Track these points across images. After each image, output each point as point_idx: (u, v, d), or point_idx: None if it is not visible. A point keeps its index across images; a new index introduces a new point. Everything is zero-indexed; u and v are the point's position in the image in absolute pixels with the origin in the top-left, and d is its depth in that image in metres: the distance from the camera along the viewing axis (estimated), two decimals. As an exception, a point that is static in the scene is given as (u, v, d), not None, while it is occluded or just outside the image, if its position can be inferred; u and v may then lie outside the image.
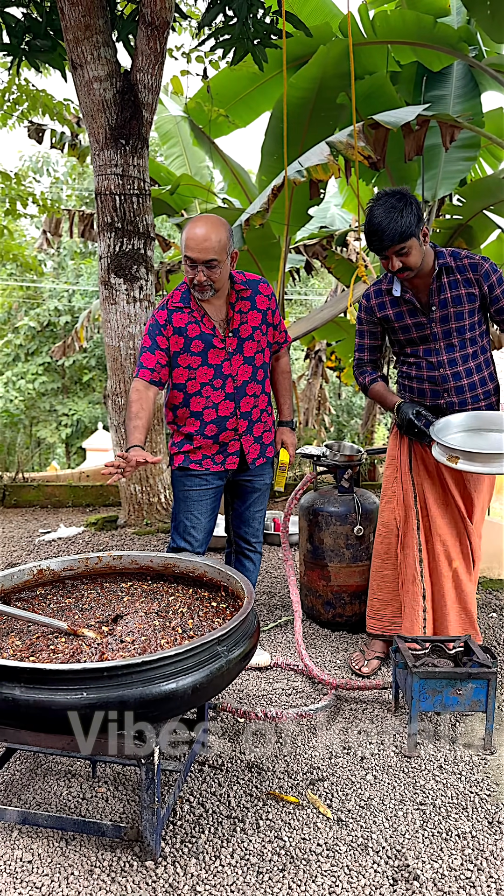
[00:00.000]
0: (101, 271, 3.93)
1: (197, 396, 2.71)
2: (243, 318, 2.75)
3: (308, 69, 6.10)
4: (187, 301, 2.70)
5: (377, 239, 2.57)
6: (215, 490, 2.86)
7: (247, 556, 3.03)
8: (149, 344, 2.69)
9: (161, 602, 2.35)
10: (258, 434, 2.85)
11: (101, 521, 4.93)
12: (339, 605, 3.26)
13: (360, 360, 3.02)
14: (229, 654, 1.91)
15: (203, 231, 2.52)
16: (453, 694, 2.41)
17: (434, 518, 2.91)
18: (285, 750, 2.43)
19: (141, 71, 3.68)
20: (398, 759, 2.39)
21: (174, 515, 2.89)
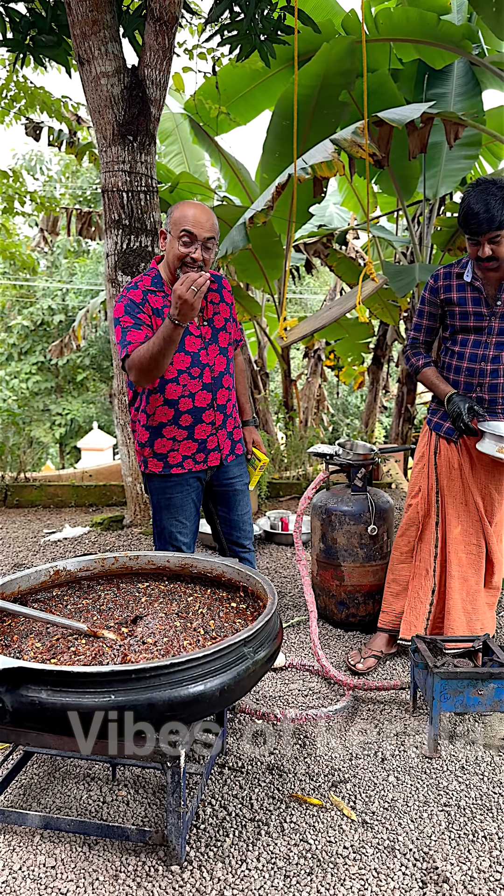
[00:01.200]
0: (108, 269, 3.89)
1: (173, 384, 2.58)
2: (216, 308, 2.68)
3: (311, 66, 6.08)
4: (160, 285, 2.57)
5: (475, 222, 2.58)
6: (197, 492, 2.77)
7: (244, 558, 2.97)
8: (131, 322, 2.46)
9: (180, 603, 2.32)
10: (230, 429, 2.77)
11: (107, 521, 4.89)
12: (353, 605, 3.24)
13: (414, 340, 3.02)
14: (255, 655, 1.88)
15: (202, 210, 2.47)
16: (474, 694, 2.39)
17: (449, 518, 2.90)
18: (305, 752, 2.41)
19: (149, 66, 3.65)
20: (419, 760, 2.37)
21: (156, 523, 2.78)
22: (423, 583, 2.96)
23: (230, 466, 2.81)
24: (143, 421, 2.67)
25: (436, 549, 2.93)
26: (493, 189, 2.58)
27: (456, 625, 2.88)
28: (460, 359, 2.85)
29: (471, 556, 2.90)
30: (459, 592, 2.89)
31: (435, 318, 2.96)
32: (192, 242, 2.45)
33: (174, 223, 2.48)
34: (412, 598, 2.97)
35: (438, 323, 2.97)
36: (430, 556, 2.95)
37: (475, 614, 2.90)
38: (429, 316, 2.97)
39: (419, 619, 2.95)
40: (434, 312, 2.94)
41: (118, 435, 4.64)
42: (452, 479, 2.91)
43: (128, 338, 2.46)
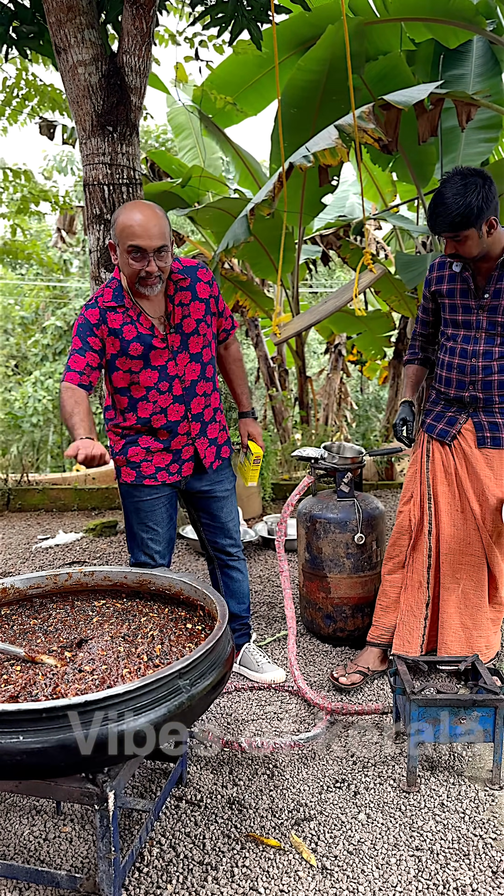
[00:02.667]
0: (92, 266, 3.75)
1: (143, 402, 2.46)
2: (185, 310, 2.47)
3: (316, 50, 5.84)
4: (120, 299, 2.41)
5: (431, 221, 2.43)
6: (168, 497, 2.63)
7: (232, 566, 2.82)
8: (78, 346, 2.37)
9: (132, 624, 2.15)
10: (213, 436, 2.62)
11: (100, 527, 4.76)
12: (340, 618, 3.03)
13: (415, 333, 2.93)
14: (192, 687, 1.71)
15: (145, 216, 2.25)
16: (456, 723, 2.18)
17: (443, 526, 2.69)
18: (272, 783, 2.23)
19: (127, 53, 3.48)
20: (395, 795, 2.17)
21: (128, 529, 2.69)
22: (416, 595, 2.75)
23: (210, 473, 2.65)
24: (119, 430, 2.57)
25: (429, 559, 2.72)
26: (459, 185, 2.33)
27: (451, 641, 2.67)
28: (452, 354, 2.65)
29: (470, 568, 2.68)
30: (457, 607, 2.68)
31: (428, 312, 2.80)
32: (143, 257, 2.27)
33: (119, 236, 2.28)
34: (405, 611, 2.77)
35: (432, 317, 2.80)
36: (423, 566, 2.74)
37: (476, 630, 2.68)
38: (423, 309, 2.83)
39: (413, 635, 2.74)
40: (427, 306, 2.80)
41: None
42: (447, 485, 2.70)
43: (69, 362, 2.36)
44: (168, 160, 7.84)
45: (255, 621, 3.40)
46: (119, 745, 1.56)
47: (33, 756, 1.51)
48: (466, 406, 2.65)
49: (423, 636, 2.73)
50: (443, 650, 2.64)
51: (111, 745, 1.55)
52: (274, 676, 2.78)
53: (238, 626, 2.87)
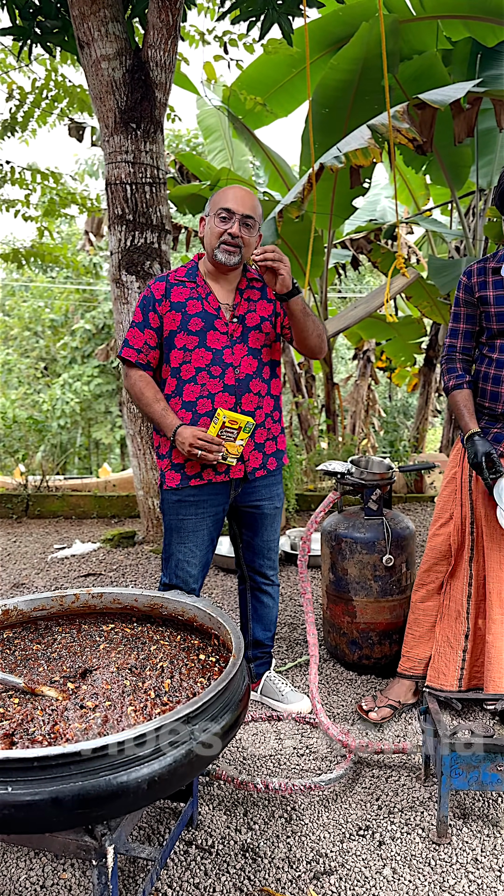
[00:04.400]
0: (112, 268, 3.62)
1: (191, 384, 2.35)
2: (251, 305, 2.43)
3: (350, 49, 5.68)
4: (193, 276, 2.40)
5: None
6: (214, 519, 2.48)
7: (264, 591, 2.66)
8: (139, 319, 2.38)
9: (141, 653, 2.00)
10: (260, 441, 2.47)
11: (118, 537, 4.62)
12: (367, 645, 2.85)
13: (451, 349, 2.60)
14: (203, 733, 1.54)
15: (242, 189, 2.34)
16: (493, 770, 1.99)
17: (489, 552, 2.48)
18: (290, 829, 2.05)
19: (152, 47, 3.35)
20: (424, 847, 1.98)
21: (165, 547, 2.52)
22: (453, 626, 2.56)
23: (259, 485, 2.51)
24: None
25: (469, 587, 2.53)
26: None
27: (498, 677, 2.46)
28: (499, 367, 2.43)
29: None
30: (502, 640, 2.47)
31: (473, 321, 2.54)
32: (229, 219, 2.29)
33: (213, 204, 2.34)
34: (441, 642, 2.57)
35: (477, 326, 2.55)
36: (462, 595, 2.54)
37: None
38: (466, 318, 2.55)
39: (449, 668, 2.55)
40: (471, 314, 2.53)
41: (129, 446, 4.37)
42: (492, 506, 2.50)
43: (127, 336, 2.39)
44: (196, 162, 7.73)
45: (276, 643, 3.23)
46: (119, 798, 1.41)
47: (22, 810, 1.35)
48: None
49: (461, 669, 2.53)
50: (490, 687, 2.44)
51: (110, 799, 1.40)
52: (301, 707, 2.61)
53: (260, 653, 2.70)
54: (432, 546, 2.62)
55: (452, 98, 4.56)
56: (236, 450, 2.33)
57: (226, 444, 2.31)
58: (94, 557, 4.49)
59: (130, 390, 2.40)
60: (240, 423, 2.29)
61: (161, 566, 2.57)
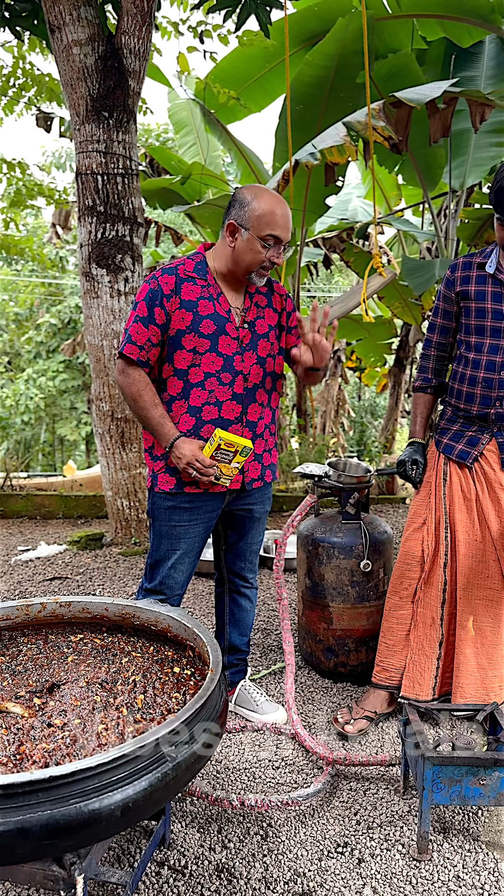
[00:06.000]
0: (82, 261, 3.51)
1: (199, 388, 2.24)
2: (260, 312, 2.34)
3: (325, 45, 5.61)
4: (203, 273, 2.25)
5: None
6: (206, 525, 2.38)
7: (243, 594, 2.58)
8: (144, 313, 2.19)
9: (111, 665, 1.90)
10: (259, 451, 2.39)
11: (85, 539, 4.49)
12: (343, 652, 2.79)
13: (427, 343, 2.59)
14: (179, 754, 1.45)
15: (285, 208, 2.18)
16: (475, 784, 1.94)
17: (460, 557, 2.44)
18: (266, 846, 1.97)
19: (126, 34, 3.24)
20: (405, 864, 1.92)
21: (153, 552, 2.41)
22: (428, 633, 2.51)
23: (253, 490, 2.42)
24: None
25: (443, 594, 2.48)
26: None
27: (467, 684, 2.42)
28: (476, 367, 2.39)
29: (488, 603, 2.44)
30: (473, 645, 2.43)
31: (449, 317, 2.50)
32: (276, 247, 2.19)
33: (258, 222, 2.15)
34: (416, 650, 2.52)
35: (454, 322, 2.50)
36: (437, 602, 2.49)
37: (492, 670, 2.44)
38: (443, 314, 2.51)
39: (424, 676, 2.50)
40: (448, 310, 2.49)
41: (98, 444, 4.24)
42: (466, 511, 2.45)
43: (130, 332, 2.21)
44: (168, 156, 7.61)
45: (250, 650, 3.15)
46: (90, 827, 1.32)
47: (-15, 843, 1.25)
48: (490, 424, 2.41)
49: (434, 678, 2.49)
50: (458, 694, 2.39)
51: (81, 827, 1.30)
52: (276, 718, 2.53)
53: (236, 660, 2.62)
54: (405, 551, 2.57)
55: (429, 97, 4.52)
56: (231, 472, 2.25)
57: (220, 465, 2.23)
58: (60, 560, 4.35)
59: (126, 390, 2.25)
60: (237, 446, 2.20)
61: (144, 571, 2.47)
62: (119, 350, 2.23)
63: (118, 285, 3.63)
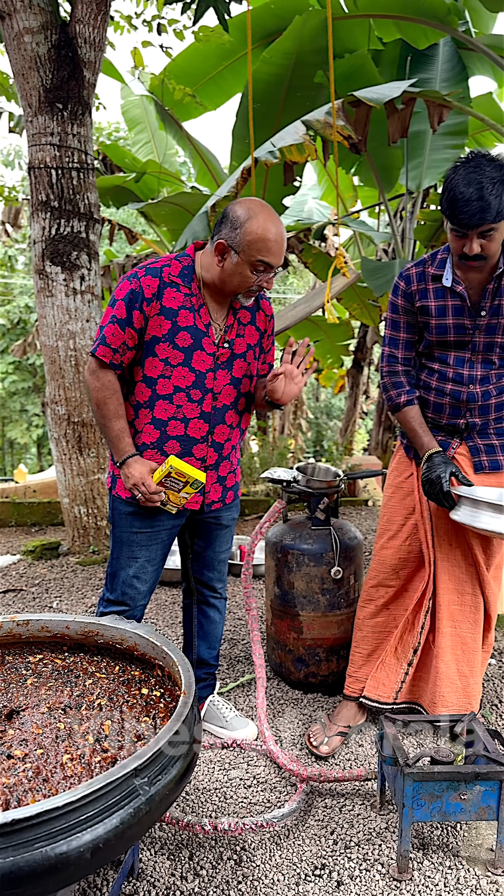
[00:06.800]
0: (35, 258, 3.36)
1: (166, 401, 2.13)
2: (241, 330, 2.22)
3: (282, 42, 5.56)
4: (188, 281, 2.11)
5: (466, 211, 1.98)
6: (170, 533, 2.28)
7: (212, 604, 2.48)
8: (122, 315, 2.06)
9: (75, 688, 1.78)
10: (223, 474, 2.29)
11: (41, 549, 4.32)
12: (313, 662, 2.71)
13: (391, 359, 2.38)
14: (153, 786, 1.35)
15: (279, 229, 2.05)
16: (456, 799, 1.88)
17: (440, 562, 2.38)
18: (240, 872, 1.88)
19: (81, 23, 3.11)
20: (385, 884, 1.85)
21: (113, 561, 2.30)
22: (406, 637, 2.44)
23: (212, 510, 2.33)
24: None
25: (431, 601, 2.41)
26: (487, 168, 1.99)
27: (449, 692, 2.36)
28: (442, 379, 2.31)
29: (465, 609, 2.38)
30: (453, 652, 2.37)
31: (413, 329, 2.36)
32: (266, 273, 2.07)
33: (249, 247, 2.02)
34: (389, 651, 2.45)
35: (417, 334, 2.37)
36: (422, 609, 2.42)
37: (472, 678, 2.38)
38: (406, 327, 2.35)
39: (391, 679, 2.43)
40: (411, 322, 2.34)
41: (53, 450, 4.09)
42: (441, 518, 2.39)
43: (106, 332, 2.07)
44: (121, 154, 7.46)
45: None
46: (58, 872, 1.20)
47: None
48: (461, 432, 2.36)
49: (401, 683, 2.42)
50: (439, 703, 2.33)
51: (48, 873, 1.19)
52: (246, 734, 2.44)
53: (204, 674, 2.52)
54: (381, 560, 2.50)
55: (388, 97, 4.49)
56: (179, 500, 2.15)
57: (168, 492, 2.13)
58: (14, 571, 4.18)
59: (93, 393, 2.13)
60: (188, 478, 2.09)
61: (105, 581, 2.35)
62: (92, 350, 2.11)
63: (74, 283, 3.48)
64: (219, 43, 5.58)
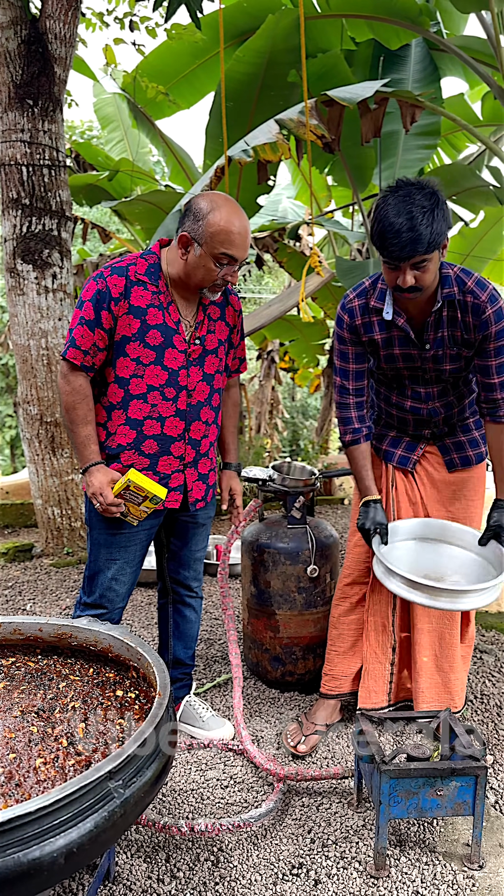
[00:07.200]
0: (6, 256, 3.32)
1: (140, 401, 2.12)
2: (211, 325, 2.21)
3: (255, 41, 5.54)
4: (155, 279, 2.10)
5: (396, 243, 1.90)
6: (148, 534, 2.27)
7: (188, 604, 2.47)
8: (90, 316, 2.05)
9: (48, 691, 1.76)
10: (204, 471, 2.29)
11: (13, 551, 4.28)
12: (290, 661, 2.71)
13: (343, 391, 2.31)
14: (126, 790, 1.34)
15: (243, 223, 2.04)
16: (433, 795, 1.88)
17: None
18: (217, 873, 1.87)
19: (51, 18, 3.08)
20: (362, 882, 1.85)
21: (91, 563, 2.28)
22: (381, 639, 2.45)
23: (196, 509, 2.33)
24: (102, 437, 2.17)
25: (394, 599, 2.42)
26: (418, 196, 1.92)
27: (428, 688, 2.38)
28: (401, 396, 2.32)
29: None
30: (431, 648, 2.38)
31: (363, 359, 2.29)
32: (231, 267, 2.05)
33: (212, 238, 2.00)
34: (369, 658, 2.45)
35: (367, 362, 2.32)
36: (387, 607, 2.43)
37: (452, 673, 2.40)
38: (355, 357, 2.27)
39: (380, 684, 2.44)
40: (360, 352, 2.28)
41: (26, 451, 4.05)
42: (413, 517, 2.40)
43: (75, 334, 2.06)
44: (94, 152, 7.40)
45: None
46: (31, 878, 1.19)
47: None
48: (428, 440, 2.39)
49: (389, 683, 2.44)
50: (420, 699, 2.34)
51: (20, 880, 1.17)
52: (223, 733, 2.43)
53: (180, 674, 2.51)
54: (353, 558, 2.50)
55: (361, 96, 4.50)
56: (139, 513, 2.14)
57: (129, 504, 2.11)
58: (-12, 574, 4.13)
59: (64, 397, 2.12)
60: (147, 493, 2.07)
61: (82, 584, 2.33)
62: (62, 353, 2.10)
63: (45, 282, 3.44)
64: (191, 41, 5.56)
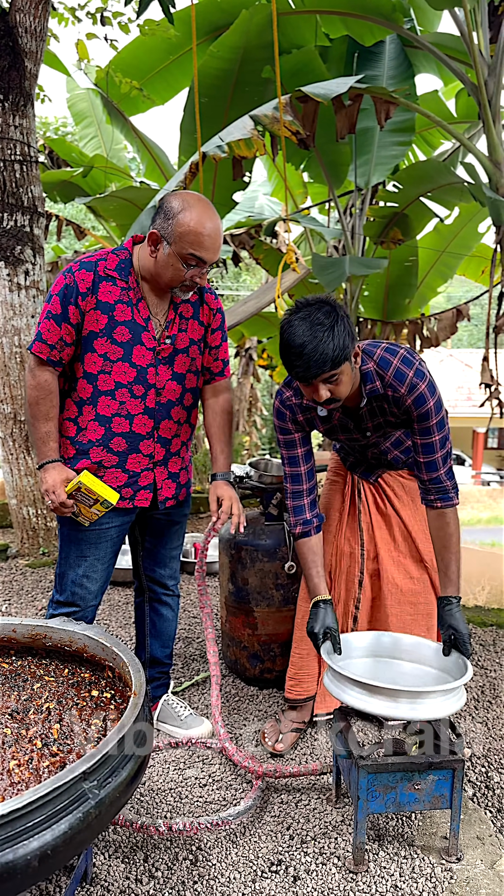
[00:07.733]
0: (-22, 253, 3.28)
1: (108, 397, 2.10)
2: (183, 324, 2.19)
3: (229, 37, 5.52)
4: (125, 274, 2.08)
5: (302, 365, 1.86)
6: (120, 530, 2.25)
7: (164, 602, 2.46)
8: (57, 311, 2.04)
9: (22, 692, 1.74)
10: (174, 470, 2.27)
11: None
12: (268, 657, 2.71)
13: (295, 478, 2.24)
14: (102, 790, 1.32)
15: (215, 225, 2.00)
16: (410, 790, 1.89)
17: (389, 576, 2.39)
18: (196, 872, 1.86)
19: (21, 11, 3.04)
20: (341, 877, 1.85)
21: (61, 561, 2.26)
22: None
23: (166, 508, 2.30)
24: (72, 433, 2.15)
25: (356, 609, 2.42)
26: (319, 316, 1.87)
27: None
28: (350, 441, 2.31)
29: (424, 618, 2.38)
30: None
31: (308, 440, 2.25)
32: (199, 269, 2.02)
33: (181, 239, 1.97)
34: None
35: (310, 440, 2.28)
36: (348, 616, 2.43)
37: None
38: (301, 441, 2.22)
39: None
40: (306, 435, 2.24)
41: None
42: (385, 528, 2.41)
43: (42, 328, 2.05)
44: (68, 148, 7.33)
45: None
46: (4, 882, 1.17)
47: None
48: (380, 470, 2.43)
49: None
50: None
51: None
52: (201, 732, 2.42)
53: (158, 674, 2.49)
54: None
55: (336, 92, 4.50)
56: (91, 515, 2.13)
57: (80, 505, 2.11)
58: (-38, 574, 4.08)
59: (28, 391, 2.11)
60: (98, 496, 2.07)
61: (54, 583, 2.30)
62: (28, 347, 2.08)
63: (18, 278, 3.39)
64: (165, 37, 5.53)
